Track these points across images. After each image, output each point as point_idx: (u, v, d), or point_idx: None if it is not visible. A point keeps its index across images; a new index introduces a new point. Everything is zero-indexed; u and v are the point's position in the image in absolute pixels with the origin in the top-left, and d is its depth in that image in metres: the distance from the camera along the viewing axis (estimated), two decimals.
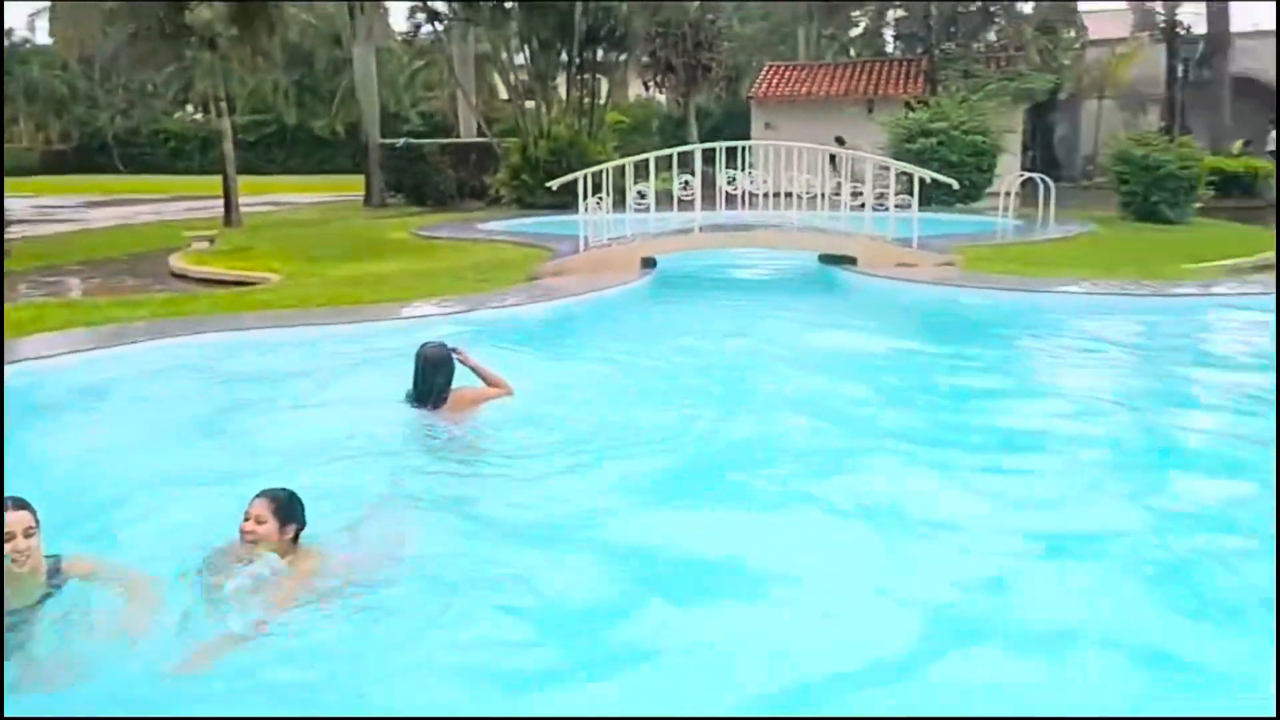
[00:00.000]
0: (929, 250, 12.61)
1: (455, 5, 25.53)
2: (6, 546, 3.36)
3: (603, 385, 7.25)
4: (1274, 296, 9.41)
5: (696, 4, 30.55)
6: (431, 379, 5.84)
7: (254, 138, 49.72)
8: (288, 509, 3.92)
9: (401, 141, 28.76)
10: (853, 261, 12.22)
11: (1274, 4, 26.67)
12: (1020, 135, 29.51)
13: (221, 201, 21.87)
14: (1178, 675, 3.37)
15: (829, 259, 12.55)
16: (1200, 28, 29.89)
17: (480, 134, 27.75)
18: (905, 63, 32.81)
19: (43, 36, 53.16)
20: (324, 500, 4.37)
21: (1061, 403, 6.86)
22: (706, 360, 8.18)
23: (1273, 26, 37.12)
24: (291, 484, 4.08)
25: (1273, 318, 8.50)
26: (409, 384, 5.92)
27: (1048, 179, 17.72)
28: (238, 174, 22.30)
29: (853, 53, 38.95)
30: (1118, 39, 32.75)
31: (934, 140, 20.70)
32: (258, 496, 3.92)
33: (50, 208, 28.17)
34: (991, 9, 31.62)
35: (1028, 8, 32.02)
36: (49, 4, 49.93)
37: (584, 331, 9.63)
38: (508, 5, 24.04)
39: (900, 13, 36.16)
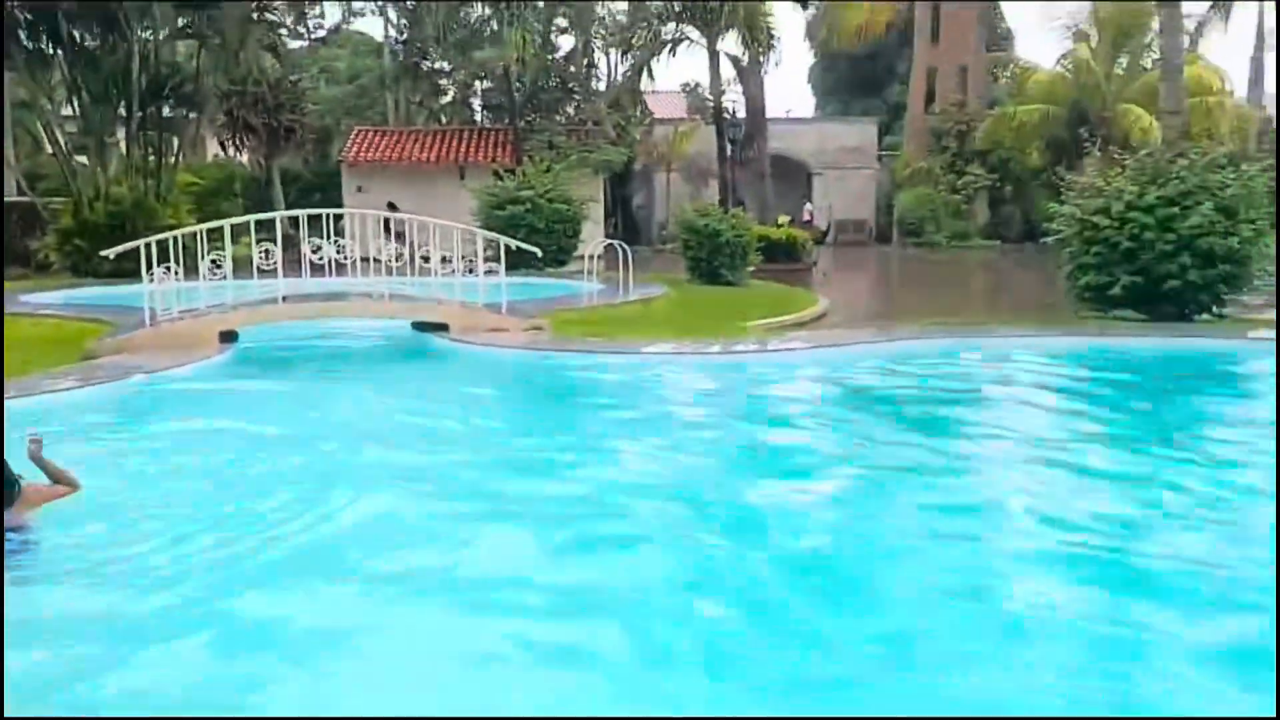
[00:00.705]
0: (518, 315, 13.05)
1: None
2: None
3: (177, 473, 6.61)
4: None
5: (274, 63, 29.41)
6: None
7: None
8: None
9: None
10: (446, 328, 12.30)
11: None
12: (603, 203, 31.79)
13: None
14: None
15: (422, 326, 12.53)
16: (743, 112, 34.42)
17: (21, 192, 24.34)
18: (494, 132, 34.08)
19: None
20: None
21: (636, 461, 7.33)
22: (294, 438, 7.74)
23: (798, 116, 43.71)
24: None
25: None
26: None
27: (625, 245, 19.17)
28: None
29: (444, 120, 39.66)
30: (679, 118, 36.63)
31: (522, 208, 21.60)
32: None
33: None
34: (570, 84, 33.96)
35: (601, 86, 34.86)
36: None
37: (153, 415, 8.69)
38: (50, 51, 21.43)
39: (487, 84, 37.56)
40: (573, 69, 34.51)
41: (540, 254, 15.39)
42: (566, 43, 35.15)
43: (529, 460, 7.27)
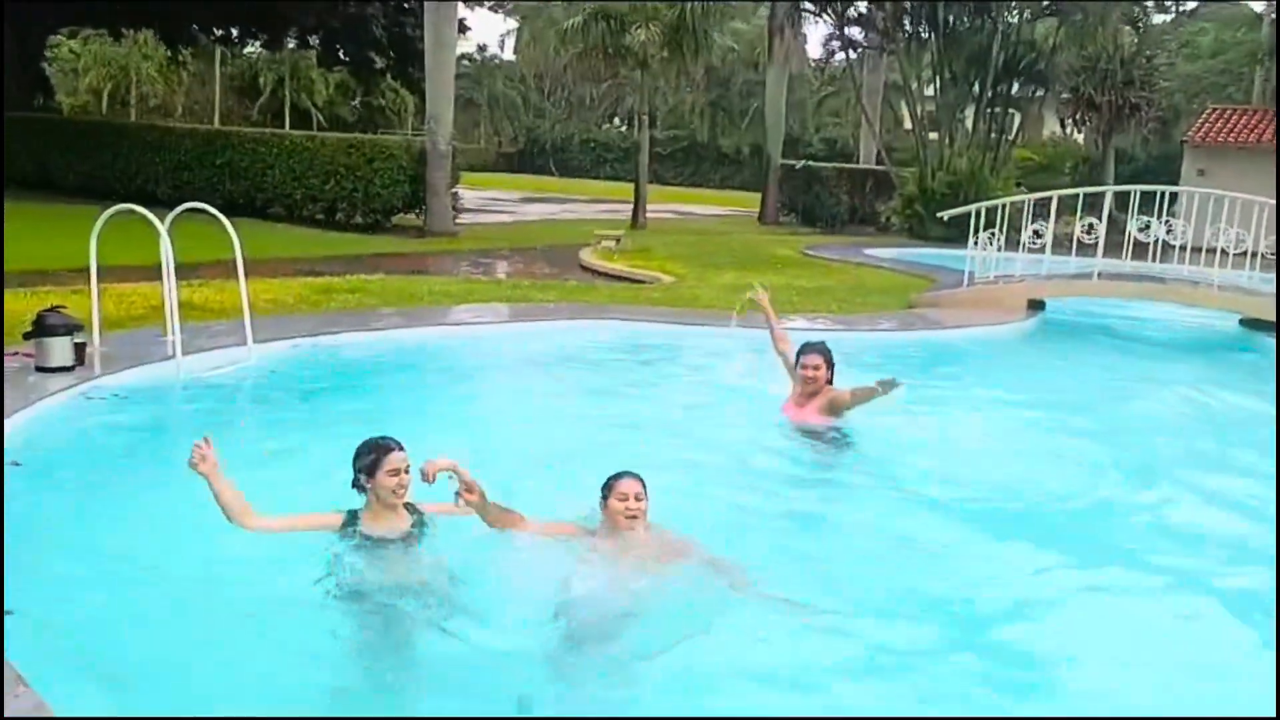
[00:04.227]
0: None
1: (872, 35, 25.85)
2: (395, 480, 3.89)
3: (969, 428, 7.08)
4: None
5: (1131, 37, 28.22)
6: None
7: (667, 151, 53.53)
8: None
9: (801, 163, 29.62)
10: None
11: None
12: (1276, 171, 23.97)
13: (631, 206, 23.98)
14: None
15: (1252, 323, 11.22)
16: None
17: (879, 162, 27.85)
18: None
19: (508, 53, 61.30)
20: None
21: None
22: (1096, 421, 7.57)
23: None
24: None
25: None
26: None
27: None
28: (649, 183, 24.34)
29: None
30: None
31: None
32: (631, 476, 4.09)
33: (496, 200, 32.41)
34: None
35: None
36: (518, 25, 57.53)
37: (956, 368, 9.45)
38: (924, 35, 23.90)
39: None
40: None
41: None
42: None
43: None
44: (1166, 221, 12.08)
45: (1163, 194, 12.73)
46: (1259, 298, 11.42)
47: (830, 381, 6.06)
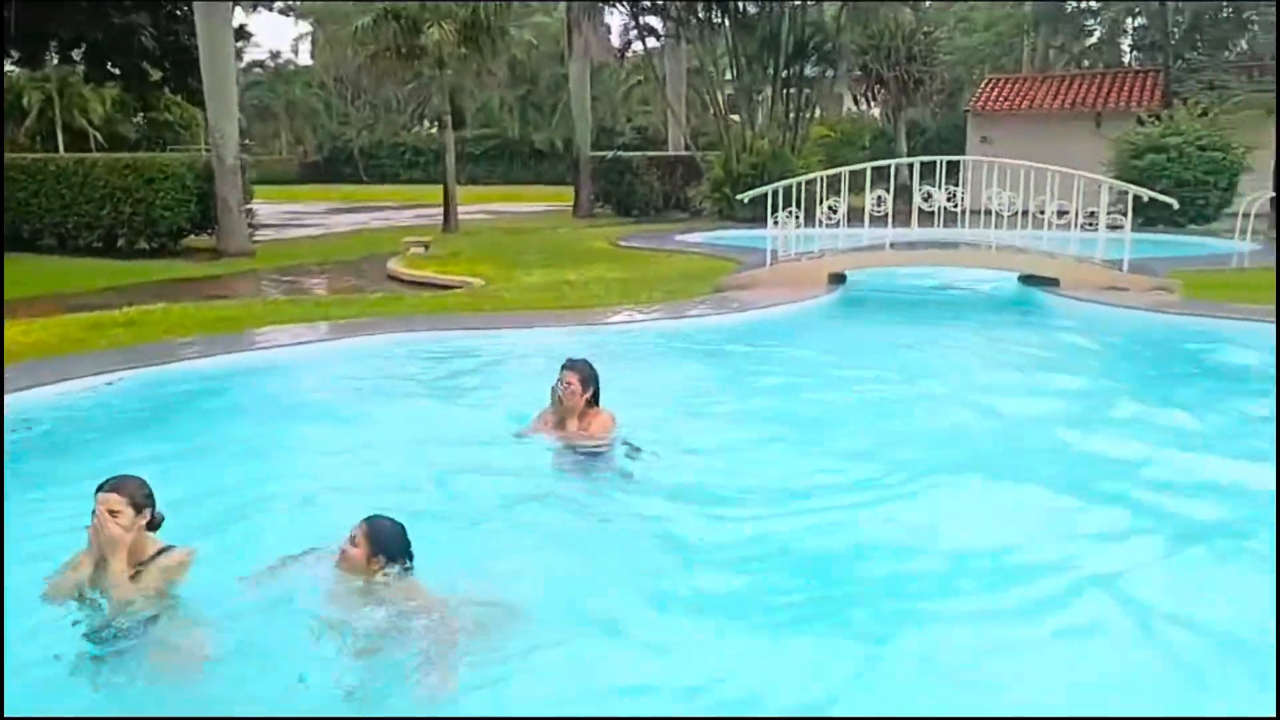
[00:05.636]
0: (1143, 274, 11.76)
1: (668, 23, 26.16)
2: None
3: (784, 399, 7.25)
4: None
5: (911, 15, 29.72)
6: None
7: (480, 150, 52.76)
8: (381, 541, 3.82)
9: (610, 154, 29.75)
10: (1056, 283, 11.58)
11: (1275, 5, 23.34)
12: (1274, 152, 26.87)
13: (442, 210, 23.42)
14: None
15: (1030, 280, 11.96)
16: None
17: (687, 148, 28.27)
18: (1139, 74, 30.63)
19: (304, 58, 58.84)
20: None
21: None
22: (885, 378, 8.04)
23: None
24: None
25: None
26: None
27: None
28: (465, 184, 23.85)
29: (1086, 64, 36.70)
30: None
31: (1165, 156, 19.25)
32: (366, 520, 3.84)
33: (300, 213, 31.01)
34: (1246, 14, 28.99)
35: None
36: (311, 29, 55.26)
37: (767, 344, 9.60)
38: (716, 21, 24.36)
39: (1140, 20, 33.81)
40: None
41: (1177, 205, 13.61)
42: None
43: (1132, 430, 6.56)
44: (946, 189, 12.72)
45: (943, 163, 13.40)
46: (1033, 255, 12.19)
47: (595, 401, 5.70)
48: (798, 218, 12.90)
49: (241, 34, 22.53)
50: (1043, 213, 12.29)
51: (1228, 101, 23.23)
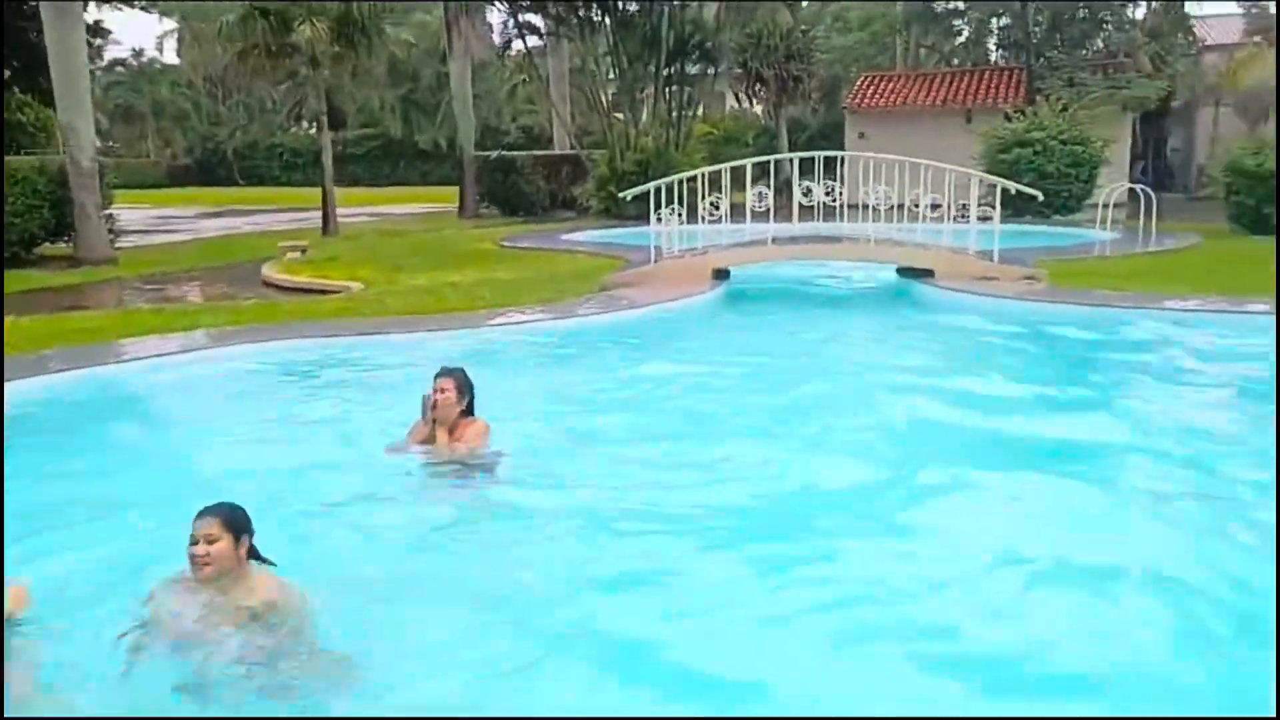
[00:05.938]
0: (1014, 263, 12.19)
1: (549, 21, 25.98)
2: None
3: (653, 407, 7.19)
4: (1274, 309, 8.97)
5: (788, 15, 30.30)
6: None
7: (363, 151, 51.50)
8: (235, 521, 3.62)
9: (494, 154, 29.37)
10: (931, 274, 11.90)
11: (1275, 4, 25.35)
12: (1129, 145, 28.39)
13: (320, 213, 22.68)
14: None
15: (906, 272, 12.26)
16: None
17: (572, 147, 28.14)
18: (1006, 72, 31.91)
19: (170, 56, 56.25)
20: None
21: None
22: (768, 369, 8.12)
23: None
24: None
25: None
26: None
27: (1149, 190, 16.95)
28: (347, 186, 23.12)
29: (955, 62, 38.05)
30: (1235, 44, 31.17)
31: (1030, 150, 20.07)
32: (199, 516, 3.58)
33: (168, 218, 29.63)
34: (1100, 15, 30.48)
35: (1139, 12, 30.78)
36: (177, 26, 52.86)
37: (651, 340, 9.54)
38: (596, 19, 24.30)
39: (1005, 20, 35.20)
40: None
41: (1041, 197, 14.19)
42: None
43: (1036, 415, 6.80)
44: (825, 184, 12.96)
45: (820, 158, 13.65)
46: (909, 247, 12.50)
47: (470, 411, 5.48)
48: (681, 215, 12.93)
49: (98, 30, 21.35)
50: (917, 206, 12.62)
51: (1086, 98, 24.41)
